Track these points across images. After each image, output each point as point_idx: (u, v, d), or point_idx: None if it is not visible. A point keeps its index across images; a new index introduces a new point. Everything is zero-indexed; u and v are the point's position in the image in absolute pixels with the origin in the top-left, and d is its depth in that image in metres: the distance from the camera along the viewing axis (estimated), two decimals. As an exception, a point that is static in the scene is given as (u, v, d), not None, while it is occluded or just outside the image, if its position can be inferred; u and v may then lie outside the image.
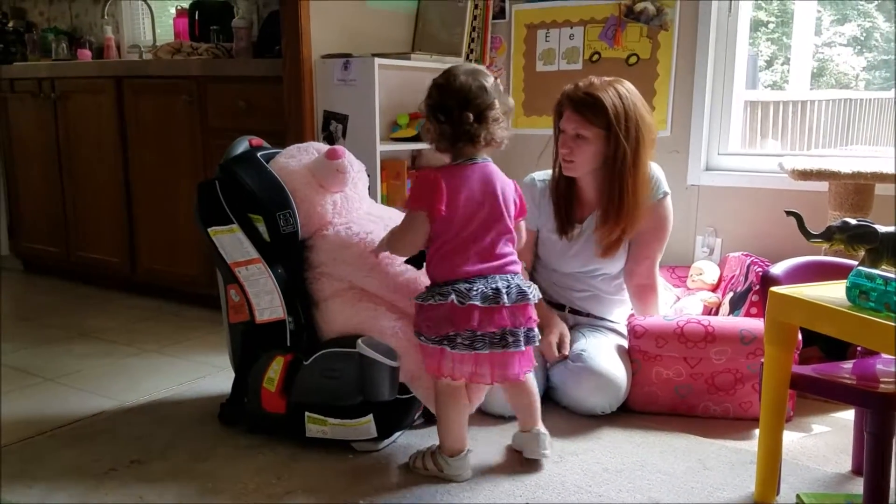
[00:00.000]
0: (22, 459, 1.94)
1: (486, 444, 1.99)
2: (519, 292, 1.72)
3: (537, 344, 1.80)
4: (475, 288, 1.68)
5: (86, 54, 4.05)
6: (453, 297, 1.67)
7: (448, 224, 1.72)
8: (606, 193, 2.22)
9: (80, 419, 2.18)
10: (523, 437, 1.92)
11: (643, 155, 2.20)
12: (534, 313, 1.78)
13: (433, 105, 1.74)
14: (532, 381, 1.89)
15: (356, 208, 2.10)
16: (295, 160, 2.07)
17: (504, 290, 1.69)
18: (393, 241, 1.81)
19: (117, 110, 3.38)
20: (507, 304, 1.69)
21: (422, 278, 1.91)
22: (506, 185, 1.79)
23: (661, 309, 2.39)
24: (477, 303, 1.66)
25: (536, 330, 1.78)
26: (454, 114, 1.71)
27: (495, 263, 1.73)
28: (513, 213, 1.80)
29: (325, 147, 2.10)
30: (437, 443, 1.86)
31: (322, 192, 2.03)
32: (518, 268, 1.78)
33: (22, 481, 1.82)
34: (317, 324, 2.00)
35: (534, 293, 1.76)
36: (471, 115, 1.70)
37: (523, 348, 1.74)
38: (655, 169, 2.32)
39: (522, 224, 1.87)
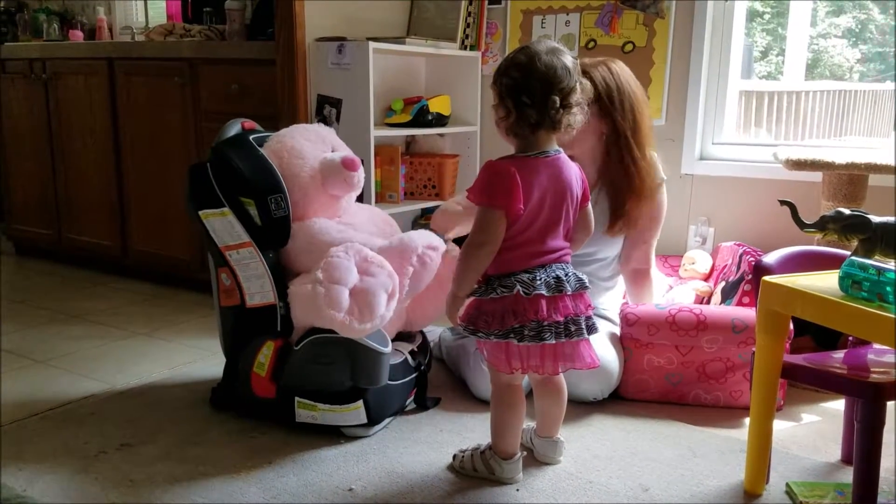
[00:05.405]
0: (12, 441, 1.93)
1: (478, 431, 1.99)
2: (577, 280, 1.67)
3: (598, 332, 1.73)
4: (538, 277, 1.62)
5: (77, 35, 4.00)
6: (519, 287, 1.59)
7: (517, 221, 1.61)
8: (611, 172, 2.24)
9: (70, 402, 2.17)
10: (542, 442, 1.85)
11: (645, 130, 2.22)
12: (591, 302, 1.72)
13: (514, 86, 1.58)
14: (566, 391, 1.83)
15: (344, 210, 2.15)
16: (311, 144, 2.08)
17: (564, 279, 1.64)
18: (471, 248, 1.63)
19: (109, 92, 3.35)
20: (569, 293, 1.64)
21: (386, 264, 1.88)
22: (573, 178, 1.67)
23: (656, 296, 2.40)
24: (543, 292, 1.60)
25: (594, 319, 1.71)
26: (539, 97, 1.57)
27: (553, 255, 1.66)
28: (578, 203, 1.70)
29: (330, 134, 2.14)
30: (482, 443, 1.81)
31: (320, 189, 2.05)
32: (570, 257, 1.72)
33: (12, 463, 1.81)
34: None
35: (588, 281, 1.71)
36: (557, 100, 1.57)
37: (586, 336, 1.68)
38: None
39: (590, 209, 1.76)
